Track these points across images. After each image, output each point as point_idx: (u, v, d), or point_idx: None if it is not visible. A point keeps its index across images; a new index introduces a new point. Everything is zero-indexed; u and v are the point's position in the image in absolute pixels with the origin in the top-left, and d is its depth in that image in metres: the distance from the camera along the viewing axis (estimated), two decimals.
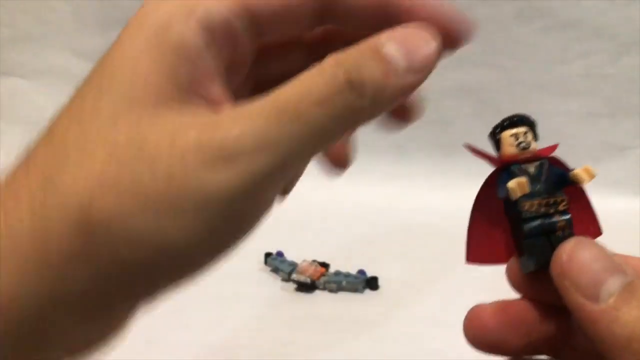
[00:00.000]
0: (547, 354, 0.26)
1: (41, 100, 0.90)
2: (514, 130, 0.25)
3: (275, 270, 0.69)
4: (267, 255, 0.70)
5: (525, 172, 0.24)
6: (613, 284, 0.21)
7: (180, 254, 0.21)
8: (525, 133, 0.25)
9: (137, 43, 0.21)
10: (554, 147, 0.25)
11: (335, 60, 0.21)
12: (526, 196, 0.24)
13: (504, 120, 0.25)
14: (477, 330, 0.25)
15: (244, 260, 0.37)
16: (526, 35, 0.85)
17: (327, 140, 0.21)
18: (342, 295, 0.67)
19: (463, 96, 0.88)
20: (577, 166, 0.25)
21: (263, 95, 0.21)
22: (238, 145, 0.20)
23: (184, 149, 0.20)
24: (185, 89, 0.21)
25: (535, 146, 0.25)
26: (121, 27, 0.22)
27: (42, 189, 0.21)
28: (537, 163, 0.25)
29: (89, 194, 0.20)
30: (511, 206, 0.24)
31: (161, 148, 0.20)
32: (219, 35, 0.22)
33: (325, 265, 0.69)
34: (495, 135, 0.25)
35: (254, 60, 0.25)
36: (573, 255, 0.22)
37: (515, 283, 0.25)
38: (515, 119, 0.25)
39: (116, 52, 0.22)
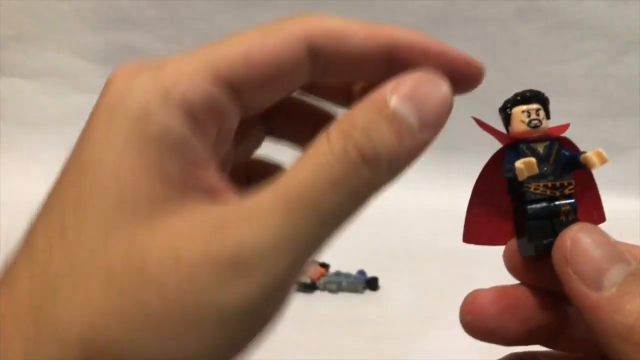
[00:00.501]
0: (541, 344, 0.25)
1: (41, 100, 0.90)
2: (525, 107, 0.23)
3: None
4: None
5: (534, 152, 0.23)
6: (616, 273, 0.21)
7: None
8: (538, 110, 0.24)
9: (114, 139, 0.19)
10: (565, 127, 0.24)
11: (342, 131, 0.19)
12: (533, 177, 0.23)
13: (516, 95, 0.24)
14: (475, 315, 0.24)
15: None
16: (526, 35, 0.85)
17: (346, 220, 0.19)
18: (342, 296, 0.67)
19: (463, 96, 0.88)
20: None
21: (265, 180, 0.19)
22: (254, 252, 0.18)
23: (192, 264, 0.18)
24: (179, 186, 0.19)
25: (546, 125, 0.24)
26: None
27: (34, 322, 0.18)
28: (546, 143, 0.24)
29: (89, 326, 0.18)
30: (516, 186, 0.24)
31: (165, 267, 0.18)
32: (202, 117, 0.20)
33: (325, 266, 0.69)
34: (506, 110, 0.24)
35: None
36: (576, 241, 0.21)
37: (512, 266, 0.24)
38: (528, 94, 0.24)
39: (90, 150, 0.19)
